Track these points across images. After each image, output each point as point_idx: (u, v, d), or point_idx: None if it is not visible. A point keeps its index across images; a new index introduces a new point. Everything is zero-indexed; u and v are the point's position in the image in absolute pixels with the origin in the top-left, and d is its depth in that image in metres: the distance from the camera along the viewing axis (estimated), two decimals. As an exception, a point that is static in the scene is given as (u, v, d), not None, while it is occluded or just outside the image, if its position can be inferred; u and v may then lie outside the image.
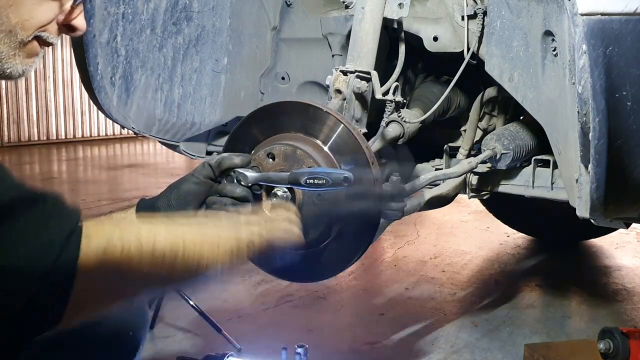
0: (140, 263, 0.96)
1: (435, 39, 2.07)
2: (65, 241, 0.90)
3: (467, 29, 2.00)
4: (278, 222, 1.20)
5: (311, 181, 1.22)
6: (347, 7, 1.90)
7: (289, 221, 1.22)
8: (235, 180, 1.29)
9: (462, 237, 4.36)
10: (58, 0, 1.04)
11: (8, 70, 1.03)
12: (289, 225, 1.21)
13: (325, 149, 1.39)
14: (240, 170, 1.30)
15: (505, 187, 2.18)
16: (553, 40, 1.61)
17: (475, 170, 2.05)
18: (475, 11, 1.97)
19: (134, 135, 4.09)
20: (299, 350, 1.65)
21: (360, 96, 1.82)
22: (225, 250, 1.07)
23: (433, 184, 1.98)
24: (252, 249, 1.12)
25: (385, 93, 1.86)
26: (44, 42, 1.06)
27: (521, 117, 2.27)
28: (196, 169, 1.30)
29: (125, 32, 2.25)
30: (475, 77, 2.13)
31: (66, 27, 1.08)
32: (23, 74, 1.05)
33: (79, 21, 1.09)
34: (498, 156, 2.02)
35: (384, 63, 2.11)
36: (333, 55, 2.27)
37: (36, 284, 0.87)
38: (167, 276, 1.01)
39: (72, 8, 1.06)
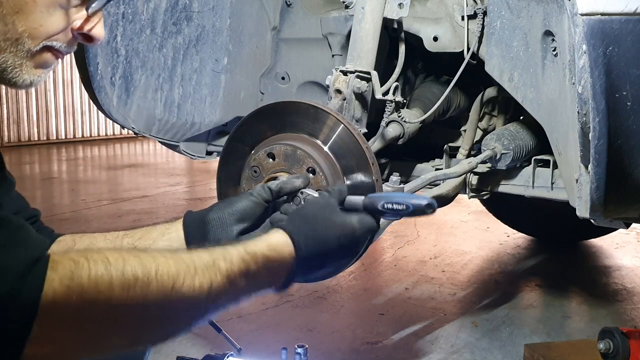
0: (111, 287, 0.82)
1: (435, 39, 2.07)
2: (25, 270, 0.78)
3: (467, 29, 2.00)
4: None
5: (389, 206, 1.13)
6: (347, 7, 1.90)
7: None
8: (302, 201, 1.27)
9: (462, 237, 4.36)
10: (70, 8, 0.97)
11: (13, 80, 0.97)
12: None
13: (325, 149, 1.39)
14: (307, 191, 1.29)
15: (505, 187, 2.18)
16: (553, 40, 1.61)
17: (475, 170, 2.05)
18: (475, 11, 1.97)
19: (134, 135, 4.09)
20: (299, 350, 1.65)
21: (360, 96, 1.82)
22: (205, 270, 0.92)
23: (433, 184, 1.98)
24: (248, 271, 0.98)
25: (385, 93, 1.86)
26: (56, 52, 1.00)
27: (521, 117, 2.27)
28: (255, 190, 1.26)
29: (125, 32, 2.25)
30: (475, 77, 2.13)
31: (82, 35, 1.01)
32: (31, 85, 0.99)
33: (97, 30, 1.02)
34: (498, 156, 2.02)
35: (384, 63, 2.11)
36: (333, 55, 2.27)
37: None
38: (142, 302, 0.86)
39: (89, 16, 0.99)
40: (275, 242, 1.05)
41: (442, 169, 2.21)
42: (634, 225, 2.97)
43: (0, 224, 0.82)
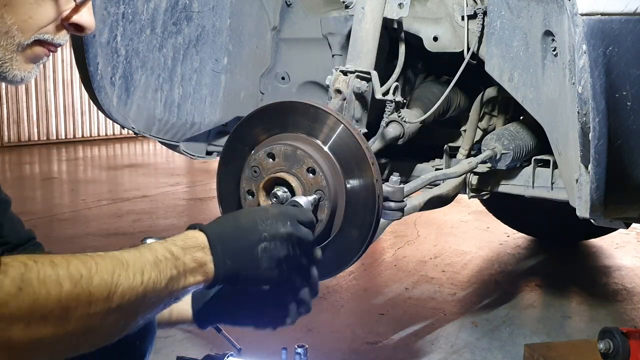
0: (59, 285, 0.85)
1: (435, 39, 2.08)
2: None
3: (467, 29, 2.00)
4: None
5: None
6: (347, 7, 1.90)
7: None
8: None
9: (462, 237, 4.36)
10: None
11: (3, 75, 0.96)
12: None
13: (325, 149, 1.39)
14: (296, 199, 1.30)
15: (505, 187, 2.18)
16: (553, 40, 1.61)
17: (475, 170, 2.05)
18: (475, 11, 1.97)
19: (134, 135, 4.10)
20: (299, 350, 1.65)
21: (360, 96, 1.82)
22: (135, 262, 0.96)
23: (433, 184, 1.97)
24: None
25: (385, 93, 1.86)
26: (49, 45, 0.99)
27: (521, 117, 2.27)
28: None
29: (125, 32, 2.25)
30: (475, 77, 2.13)
31: (72, 25, 1.00)
32: (22, 81, 0.98)
33: (86, 19, 1.01)
34: (498, 156, 2.02)
35: (384, 63, 2.11)
36: (333, 55, 2.27)
37: None
38: (89, 297, 0.88)
39: (78, 5, 0.99)
40: (188, 232, 1.09)
41: (442, 169, 2.21)
42: (634, 225, 2.97)
43: None
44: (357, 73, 1.80)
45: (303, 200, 1.31)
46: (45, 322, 0.84)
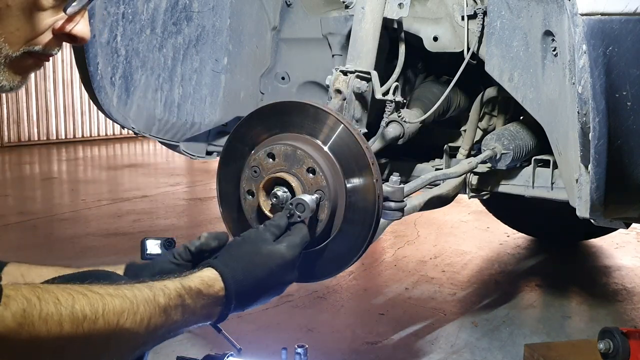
0: (60, 325, 0.86)
1: (435, 39, 2.08)
2: None
3: (467, 29, 2.00)
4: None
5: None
6: (347, 7, 1.90)
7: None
8: (291, 212, 1.31)
9: (462, 237, 4.36)
10: (48, 10, 0.91)
11: None
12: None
13: (325, 149, 1.39)
14: (302, 197, 1.32)
15: (505, 187, 2.18)
16: (553, 40, 1.61)
17: (475, 170, 2.05)
18: (475, 11, 1.97)
19: (134, 135, 4.09)
20: (299, 350, 1.65)
21: (360, 96, 1.82)
22: (145, 305, 0.98)
23: (433, 184, 1.97)
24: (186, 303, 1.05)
25: (385, 93, 1.86)
26: (39, 57, 0.94)
27: (521, 117, 2.27)
28: (176, 251, 1.30)
29: (125, 32, 2.25)
30: (475, 77, 2.13)
31: (66, 36, 0.95)
32: (11, 90, 0.94)
33: (81, 29, 0.95)
34: (498, 156, 2.02)
35: (384, 63, 2.11)
36: (333, 55, 2.27)
37: None
38: (88, 339, 0.90)
39: (71, 16, 0.94)
40: (207, 277, 1.12)
41: (442, 169, 2.21)
42: (634, 225, 2.97)
43: None
44: (357, 73, 1.80)
45: (308, 198, 1.31)
46: (40, 357, 0.87)
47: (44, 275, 1.28)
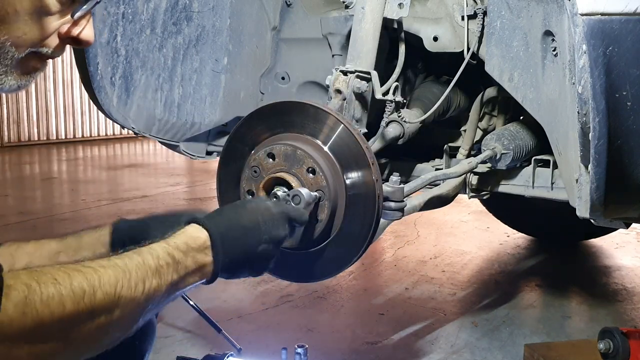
0: (62, 305, 0.87)
1: (435, 39, 2.08)
2: None
3: (467, 29, 2.00)
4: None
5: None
6: (347, 7, 1.90)
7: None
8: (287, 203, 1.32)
9: (462, 237, 4.36)
10: (54, 14, 0.94)
11: None
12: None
13: (325, 149, 1.39)
14: (300, 190, 1.33)
15: (505, 187, 2.18)
16: (553, 40, 1.61)
17: (475, 170, 2.06)
18: (475, 11, 1.97)
19: (134, 135, 4.09)
20: (299, 350, 1.65)
21: (360, 96, 1.82)
22: (137, 271, 0.98)
23: (433, 184, 1.98)
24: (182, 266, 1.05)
25: (385, 93, 1.86)
26: (44, 57, 0.97)
27: (521, 117, 2.27)
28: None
29: (125, 32, 2.25)
30: (475, 77, 2.13)
31: (71, 39, 0.99)
32: (18, 89, 0.98)
33: (86, 33, 0.99)
34: (498, 156, 2.02)
35: (384, 63, 2.11)
36: (333, 55, 2.27)
37: None
38: (91, 312, 0.91)
39: (76, 20, 0.97)
40: (191, 231, 1.11)
41: (442, 169, 2.21)
42: (634, 225, 2.98)
43: None
44: (357, 73, 1.80)
45: (305, 191, 1.31)
46: (48, 339, 0.87)
47: (31, 253, 1.33)
